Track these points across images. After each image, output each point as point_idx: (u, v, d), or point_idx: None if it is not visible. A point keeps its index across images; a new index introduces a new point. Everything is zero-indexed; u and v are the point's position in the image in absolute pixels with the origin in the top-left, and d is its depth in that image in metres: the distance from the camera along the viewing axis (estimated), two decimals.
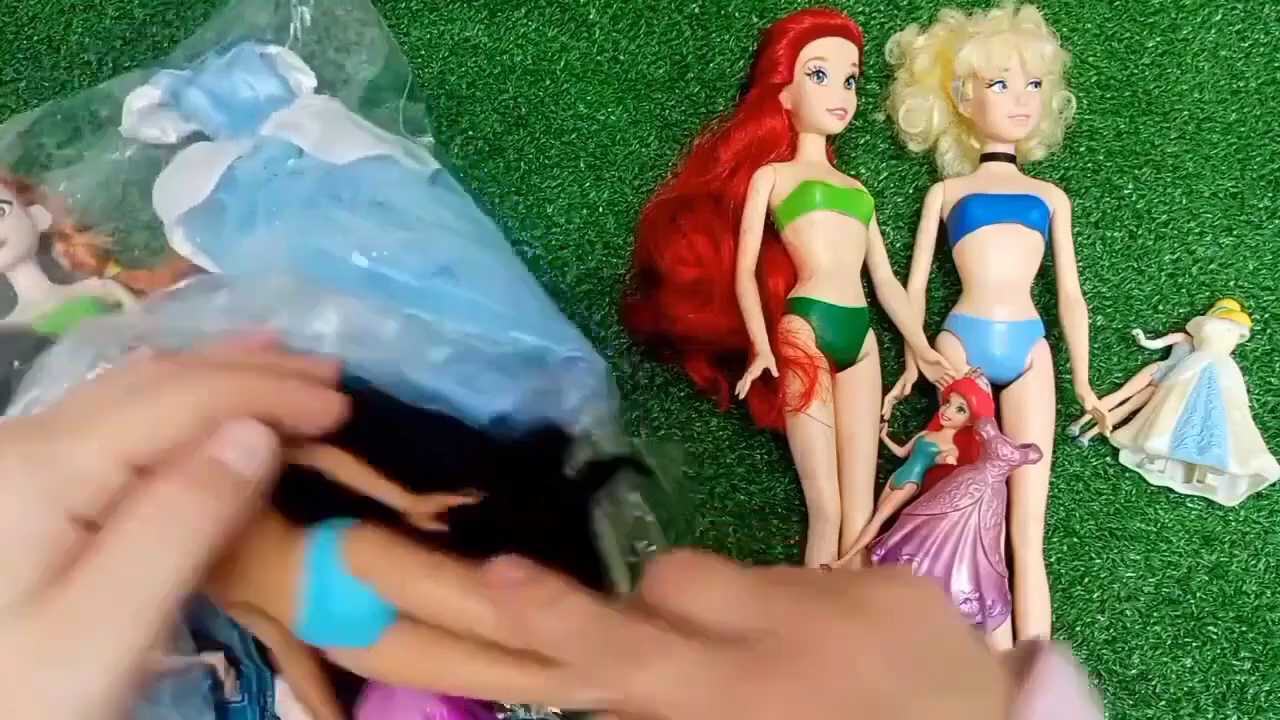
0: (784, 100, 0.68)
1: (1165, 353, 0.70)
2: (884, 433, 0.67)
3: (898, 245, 0.71)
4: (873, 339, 0.67)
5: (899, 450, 0.66)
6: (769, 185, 0.67)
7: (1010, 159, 0.69)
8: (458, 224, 0.56)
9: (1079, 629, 0.66)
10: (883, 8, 0.75)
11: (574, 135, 0.71)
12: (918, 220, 0.70)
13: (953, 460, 0.63)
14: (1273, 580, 0.68)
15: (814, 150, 0.69)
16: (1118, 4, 0.76)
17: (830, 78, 0.67)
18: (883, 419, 0.67)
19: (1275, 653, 0.66)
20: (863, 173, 0.72)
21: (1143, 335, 0.70)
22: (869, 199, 0.68)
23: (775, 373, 0.62)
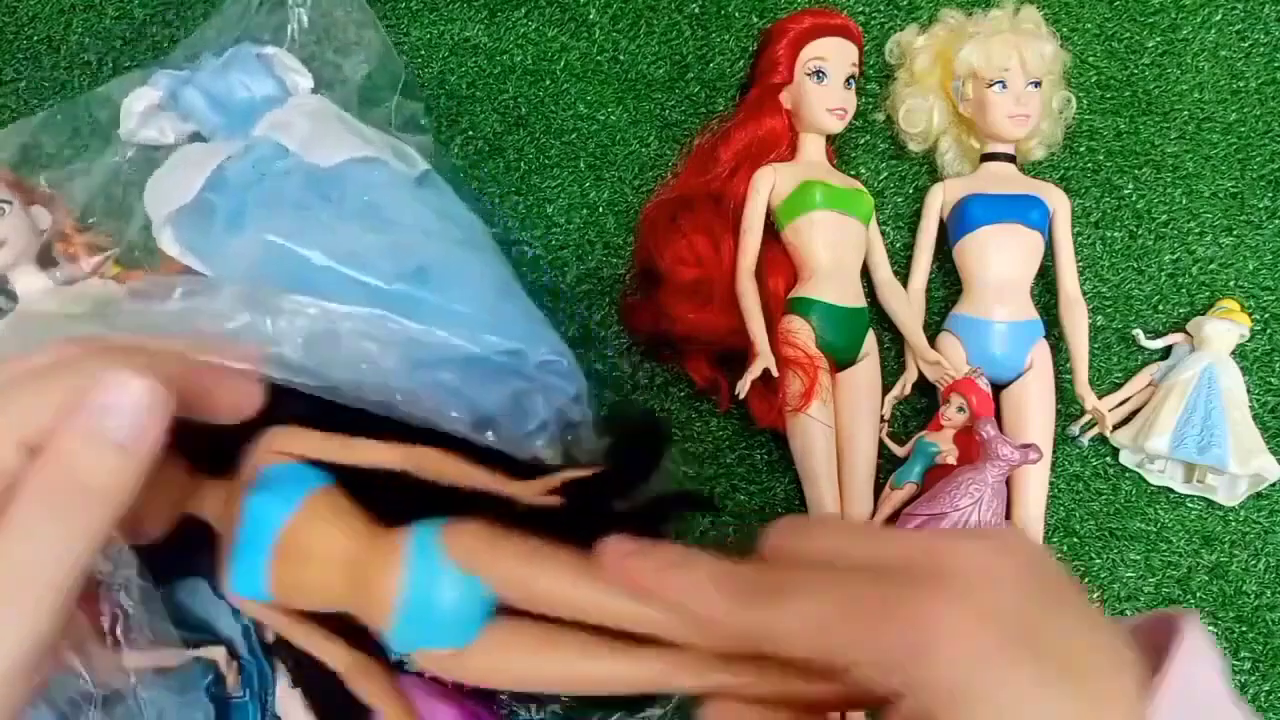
0: (784, 100, 0.68)
1: (1165, 353, 0.70)
2: (884, 433, 0.67)
3: (898, 245, 0.71)
4: (873, 339, 0.67)
5: (899, 450, 0.66)
6: (769, 185, 0.67)
7: (1010, 159, 0.69)
8: (441, 226, 0.55)
9: None
10: (883, 8, 0.75)
11: (574, 135, 0.71)
12: (918, 220, 0.70)
13: (953, 460, 0.63)
14: (1273, 580, 0.68)
15: (814, 150, 0.69)
16: (1118, 4, 0.76)
17: (830, 78, 0.67)
18: (883, 419, 0.67)
19: (1275, 653, 0.66)
20: (863, 173, 0.72)
21: (1143, 335, 0.70)
22: (869, 199, 0.68)
23: (775, 373, 0.62)
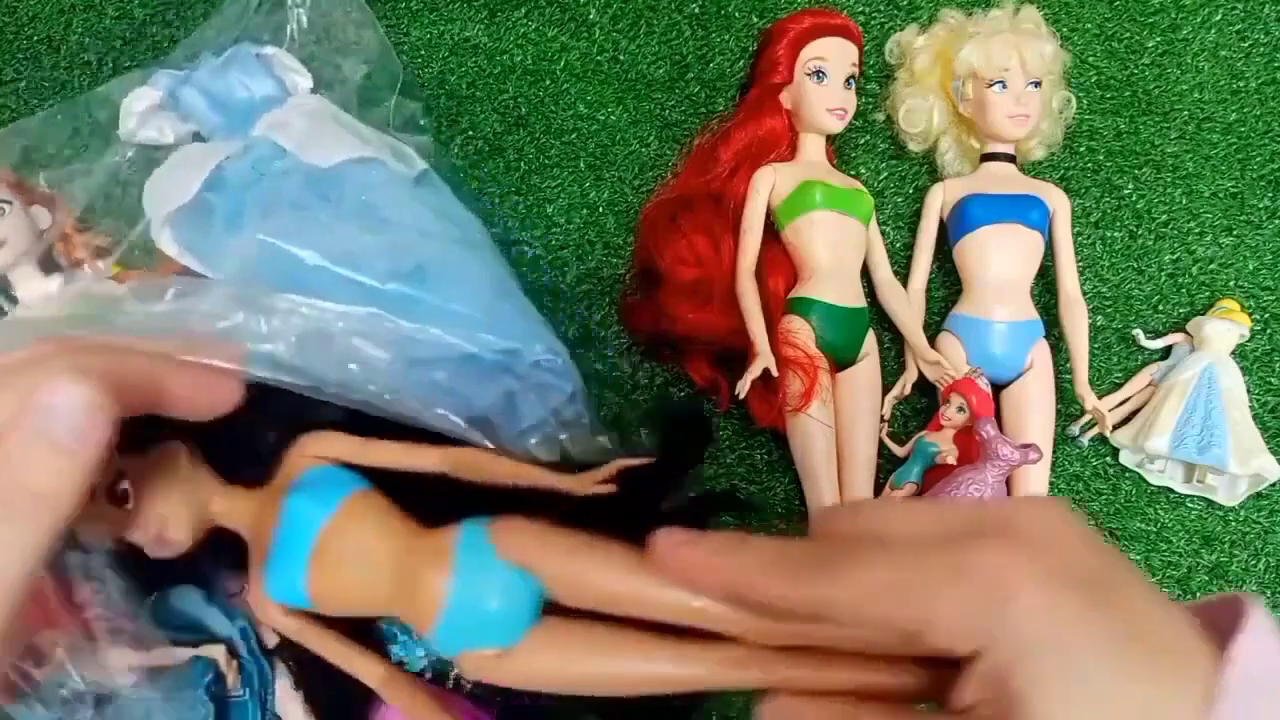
0: (784, 100, 0.68)
1: (1165, 353, 0.70)
2: (884, 433, 0.67)
3: (898, 245, 0.71)
4: (873, 339, 0.67)
5: (899, 450, 0.66)
6: (769, 185, 0.67)
7: (1010, 159, 0.69)
8: (437, 225, 0.55)
9: None
10: (883, 8, 0.75)
11: (574, 135, 0.71)
12: (918, 220, 0.70)
13: (953, 460, 0.63)
14: (1273, 580, 0.68)
15: (814, 150, 0.69)
16: (1118, 4, 0.75)
17: (830, 78, 0.67)
18: (883, 419, 0.67)
19: None
20: (863, 173, 0.72)
21: (1143, 335, 0.70)
22: (869, 199, 0.68)
23: (775, 373, 0.62)
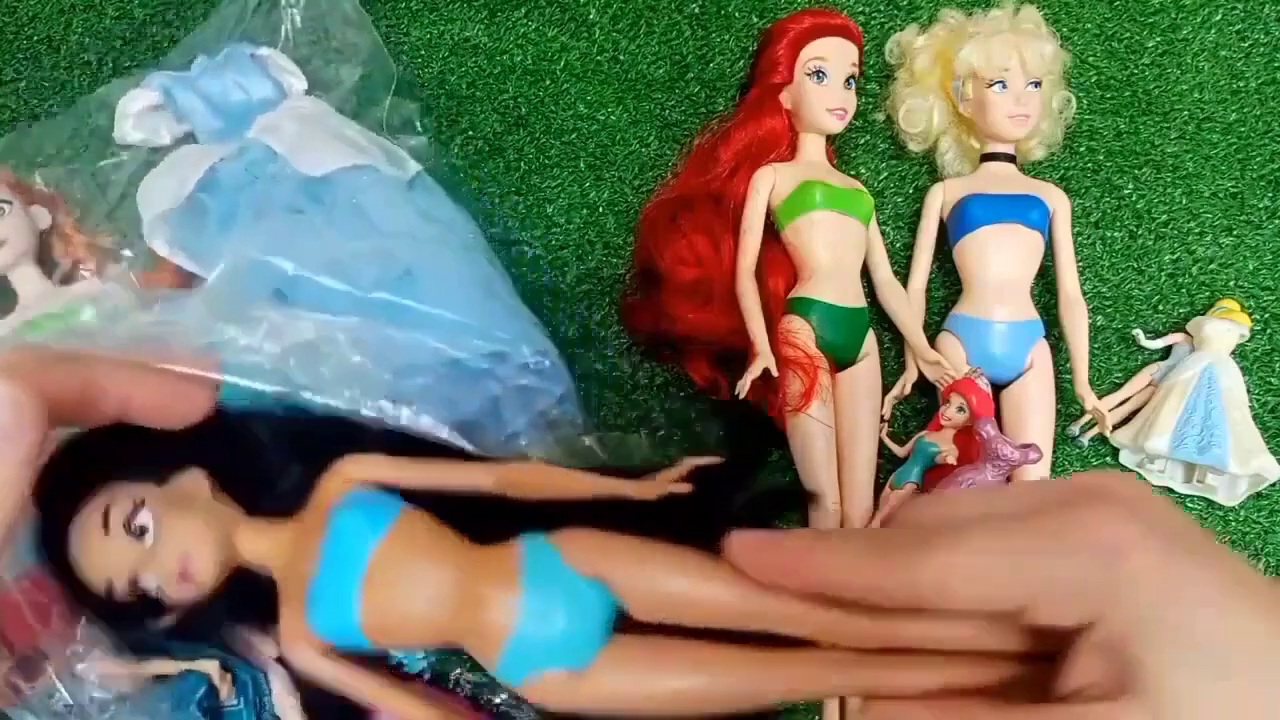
0: (784, 100, 0.68)
1: (1165, 353, 0.70)
2: (884, 433, 0.66)
3: (898, 245, 0.71)
4: (873, 339, 0.67)
5: (899, 450, 0.66)
6: (769, 185, 0.67)
7: (1010, 159, 0.69)
8: (427, 229, 0.55)
9: None
10: (883, 8, 0.75)
11: (574, 135, 0.71)
12: (918, 220, 0.70)
13: (953, 460, 0.63)
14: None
15: (814, 150, 0.69)
16: (1118, 4, 0.75)
17: (830, 78, 0.67)
18: (883, 419, 0.67)
19: None
20: (863, 173, 0.72)
21: (1143, 335, 0.70)
22: (869, 199, 0.68)
23: (775, 372, 0.62)
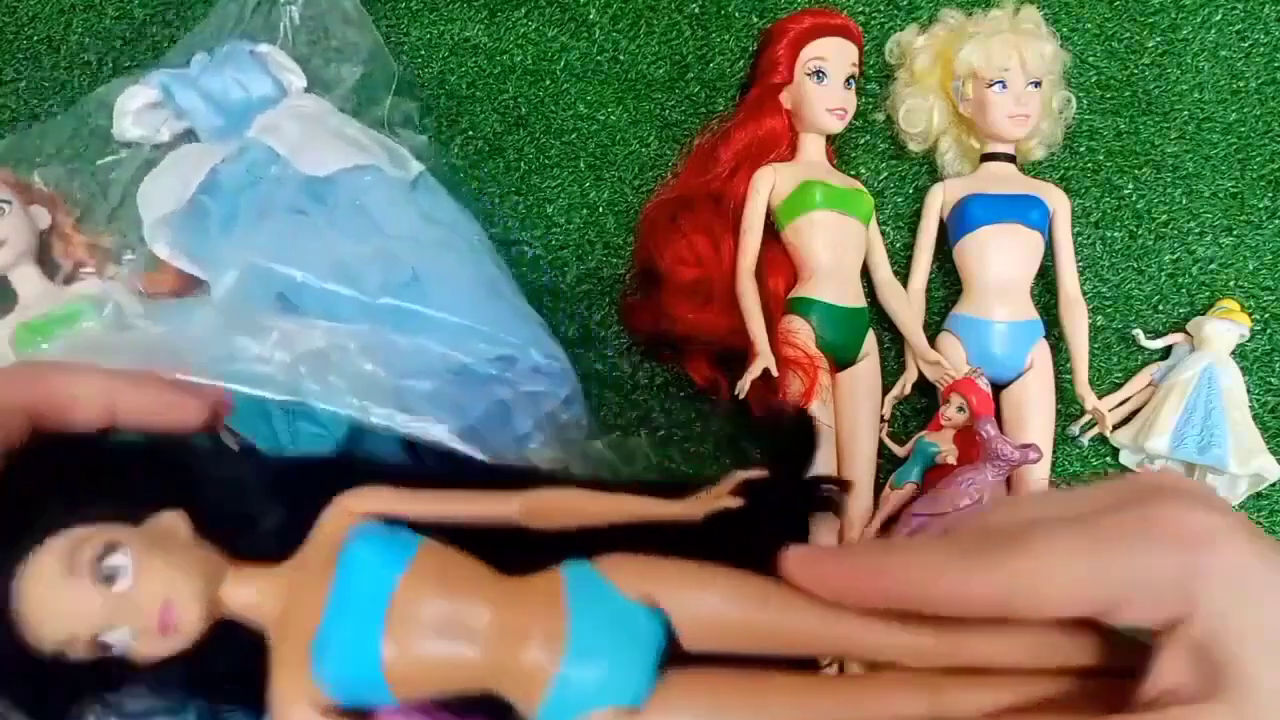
0: (784, 100, 0.68)
1: (1165, 353, 0.70)
2: (884, 433, 0.66)
3: (898, 245, 0.71)
4: (873, 339, 0.67)
5: (899, 450, 0.66)
6: (769, 185, 0.67)
7: (1010, 159, 0.69)
8: (432, 231, 0.55)
9: None
10: (883, 8, 0.75)
11: (574, 135, 0.71)
12: (918, 220, 0.70)
13: (953, 460, 0.63)
14: None
15: (814, 150, 0.69)
16: (1118, 4, 0.75)
17: (830, 78, 0.67)
18: (883, 419, 0.67)
19: None
20: (863, 173, 0.72)
21: (1143, 335, 0.70)
22: (869, 199, 0.68)
23: (775, 372, 0.62)
